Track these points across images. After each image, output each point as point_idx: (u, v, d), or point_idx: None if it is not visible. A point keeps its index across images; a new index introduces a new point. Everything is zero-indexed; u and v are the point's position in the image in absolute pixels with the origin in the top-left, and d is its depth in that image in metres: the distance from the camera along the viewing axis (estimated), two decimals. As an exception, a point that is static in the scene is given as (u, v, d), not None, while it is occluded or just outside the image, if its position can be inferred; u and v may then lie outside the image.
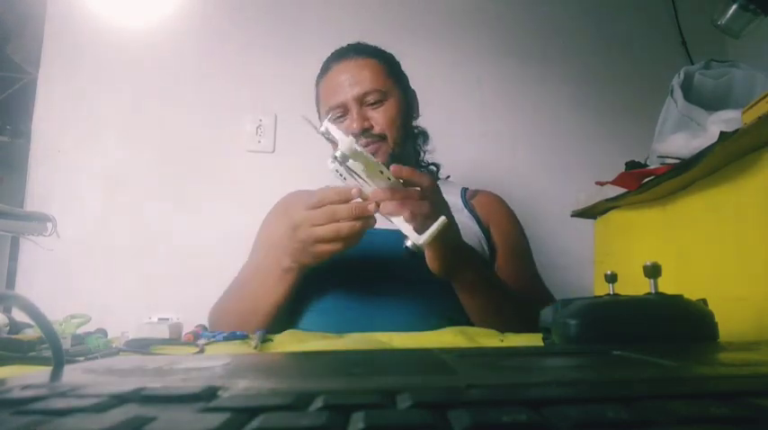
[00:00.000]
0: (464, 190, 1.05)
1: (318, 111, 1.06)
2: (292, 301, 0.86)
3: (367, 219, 0.68)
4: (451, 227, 0.72)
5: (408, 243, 0.64)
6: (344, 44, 1.06)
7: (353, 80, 0.96)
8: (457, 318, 0.81)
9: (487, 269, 0.90)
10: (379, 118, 0.96)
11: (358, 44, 1.04)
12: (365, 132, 0.94)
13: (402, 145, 0.98)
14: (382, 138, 0.95)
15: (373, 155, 0.72)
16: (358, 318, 0.82)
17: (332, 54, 1.04)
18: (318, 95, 1.04)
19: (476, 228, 0.97)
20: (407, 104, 1.03)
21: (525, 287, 0.93)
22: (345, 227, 0.68)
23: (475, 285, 0.79)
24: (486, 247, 0.96)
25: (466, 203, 1.01)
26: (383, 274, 0.88)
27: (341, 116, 0.97)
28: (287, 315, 0.89)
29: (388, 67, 1.01)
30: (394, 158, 0.94)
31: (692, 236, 0.69)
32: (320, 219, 0.69)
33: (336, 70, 0.99)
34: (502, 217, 1.03)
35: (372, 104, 0.96)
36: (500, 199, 1.08)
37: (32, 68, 1.44)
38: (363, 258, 0.88)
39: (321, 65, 1.05)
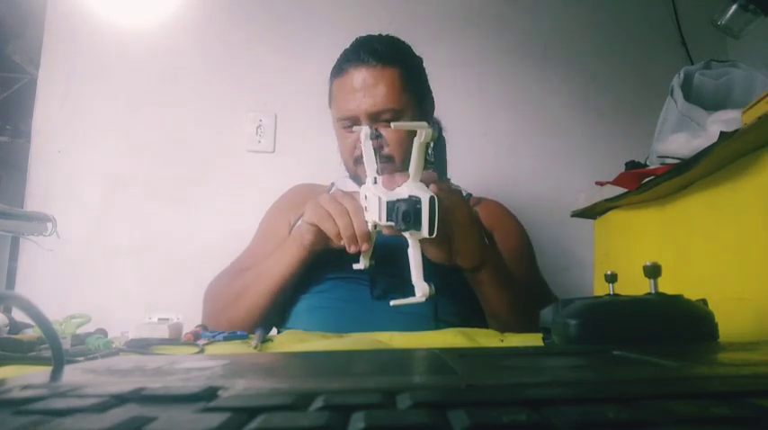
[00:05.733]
0: (468, 196, 1.05)
1: (330, 106, 0.98)
2: (297, 283, 0.86)
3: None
4: (462, 204, 0.73)
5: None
6: (355, 37, 0.96)
7: (368, 93, 0.88)
8: (458, 322, 0.81)
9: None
10: (390, 138, 0.89)
11: (380, 43, 0.92)
12: (375, 152, 0.89)
13: (408, 162, 0.97)
14: (390, 159, 0.90)
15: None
16: (358, 318, 0.82)
17: (350, 50, 0.93)
18: (331, 92, 0.96)
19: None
20: (421, 119, 0.96)
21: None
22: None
23: (499, 271, 0.79)
24: None
25: None
26: (384, 275, 0.87)
27: (350, 126, 0.91)
28: (286, 306, 0.89)
29: (408, 77, 0.92)
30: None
31: (691, 236, 0.68)
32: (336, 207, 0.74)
33: (352, 75, 0.90)
34: (506, 224, 1.02)
35: (386, 121, 0.89)
36: (504, 206, 1.08)
37: (32, 68, 1.44)
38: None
39: (339, 57, 0.95)
